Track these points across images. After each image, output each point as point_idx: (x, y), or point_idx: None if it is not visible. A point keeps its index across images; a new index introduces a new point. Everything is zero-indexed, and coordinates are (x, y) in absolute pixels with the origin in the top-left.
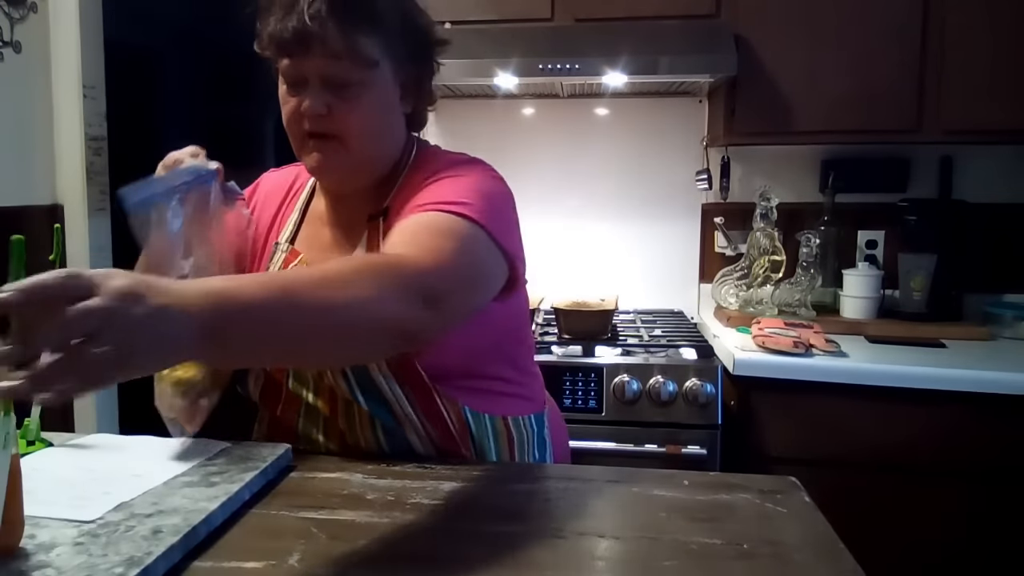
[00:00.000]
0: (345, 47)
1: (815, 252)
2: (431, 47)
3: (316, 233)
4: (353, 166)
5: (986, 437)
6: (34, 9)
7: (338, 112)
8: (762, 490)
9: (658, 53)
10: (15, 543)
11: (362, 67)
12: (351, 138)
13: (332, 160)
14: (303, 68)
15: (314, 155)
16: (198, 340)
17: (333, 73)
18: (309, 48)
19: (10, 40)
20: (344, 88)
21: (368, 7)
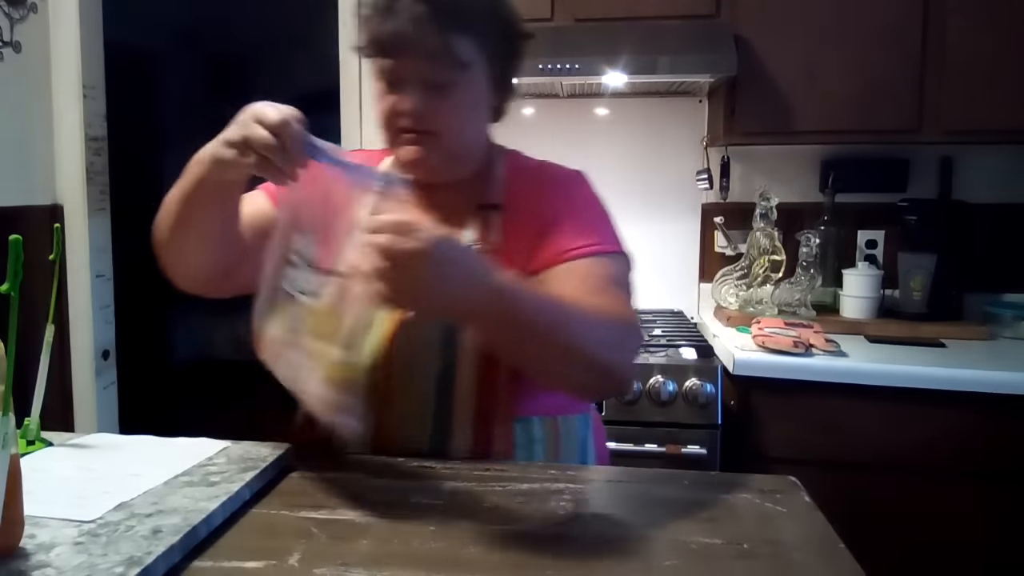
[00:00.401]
0: (441, 49)
1: (815, 252)
2: (518, 42)
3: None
4: (446, 160)
5: (986, 437)
6: (34, 9)
7: (433, 110)
8: (762, 490)
9: (658, 53)
10: (15, 543)
11: (457, 68)
12: (445, 134)
13: (426, 155)
14: (401, 69)
15: (409, 150)
16: (492, 295)
17: (429, 74)
18: (407, 50)
19: (10, 40)
20: (439, 87)
21: (464, 9)
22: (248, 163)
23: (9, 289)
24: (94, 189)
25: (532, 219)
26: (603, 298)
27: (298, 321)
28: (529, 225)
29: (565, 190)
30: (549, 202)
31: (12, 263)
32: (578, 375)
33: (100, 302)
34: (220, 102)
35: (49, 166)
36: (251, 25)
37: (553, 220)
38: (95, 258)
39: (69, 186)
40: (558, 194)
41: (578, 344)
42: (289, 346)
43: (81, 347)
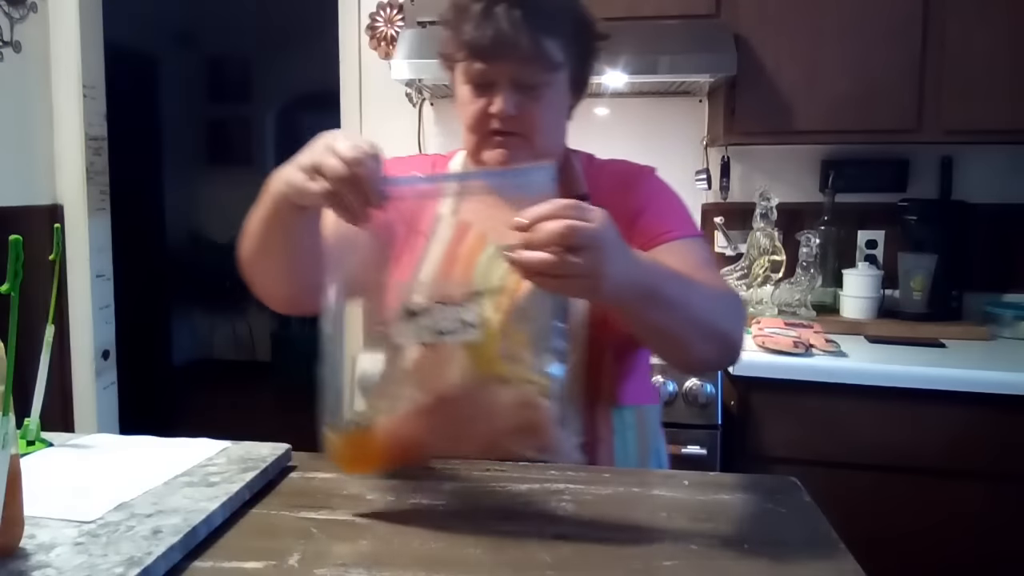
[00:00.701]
0: (535, 53)
1: (815, 252)
2: (596, 43)
3: (487, 209)
4: (534, 159)
5: (986, 437)
6: (34, 9)
7: (525, 112)
8: (762, 490)
9: (658, 53)
10: (15, 543)
11: (549, 70)
12: (535, 135)
13: (516, 155)
14: (494, 72)
15: (499, 151)
16: (640, 280)
17: (523, 76)
18: (503, 54)
19: (10, 40)
20: (531, 89)
21: (552, 12)
22: (317, 192)
23: (9, 289)
24: (94, 189)
25: (619, 211)
26: (705, 274)
27: (458, 365)
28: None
29: (648, 183)
30: (635, 194)
31: (12, 263)
32: (703, 345)
33: (100, 302)
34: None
35: (49, 166)
36: (251, 25)
37: (641, 210)
38: (95, 258)
39: (69, 186)
40: (642, 187)
41: (704, 315)
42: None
43: (81, 347)
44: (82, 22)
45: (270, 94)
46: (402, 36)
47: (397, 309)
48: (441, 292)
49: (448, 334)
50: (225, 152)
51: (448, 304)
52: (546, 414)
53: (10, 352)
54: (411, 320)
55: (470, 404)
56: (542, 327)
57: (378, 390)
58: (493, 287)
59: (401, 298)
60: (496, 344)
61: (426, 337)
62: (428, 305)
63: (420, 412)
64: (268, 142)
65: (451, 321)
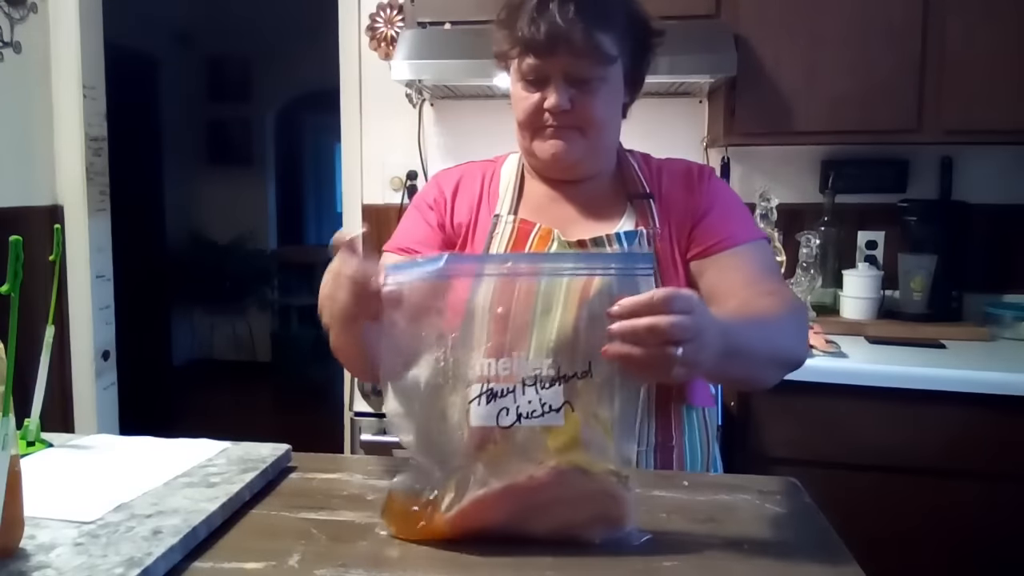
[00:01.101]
0: (589, 46)
1: (815, 252)
2: (651, 38)
3: (546, 208)
4: (589, 154)
5: (986, 437)
6: (34, 9)
7: (579, 106)
8: (762, 490)
9: (658, 53)
10: (15, 543)
11: (602, 64)
12: (589, 129)
13: (571, 149)
14: (548, 66)
15: (554, 144)
16: (722, 352)
17: (576, 70)
18: (556, 48)
19: (10, 40)
20: (584, 83)
21: (607, 7)
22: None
23: (9, 289)
24: (94, 189)
25: (682, 208)
26: (769, 283)
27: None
28: (680, 214)
29: (711, 183)
30: (698, 195)
31: (12, 263)
32: (773, 373)
33: (100, 302)
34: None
35: (49, 166)
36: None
37: (705, 212)
38: (95, 258)
39: (69, 186)
40: (705, 187)
41: (776, 350)
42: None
43: (81, 347)
44: (82, 22)
45: (270, 94)
46: (402, 36)
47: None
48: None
49: (529, 417)
50: (225, 152)
51: (532, 385)
52: (626, 504)
53: (10, 352)
54: (492, 401)
55: (546, 492)
56: (624, 412)
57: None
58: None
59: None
60: (578, 430)
61: (505, 420)
62: (512, 386)
63: (489, 498)
64: (268, 142)
65: (534, 404)
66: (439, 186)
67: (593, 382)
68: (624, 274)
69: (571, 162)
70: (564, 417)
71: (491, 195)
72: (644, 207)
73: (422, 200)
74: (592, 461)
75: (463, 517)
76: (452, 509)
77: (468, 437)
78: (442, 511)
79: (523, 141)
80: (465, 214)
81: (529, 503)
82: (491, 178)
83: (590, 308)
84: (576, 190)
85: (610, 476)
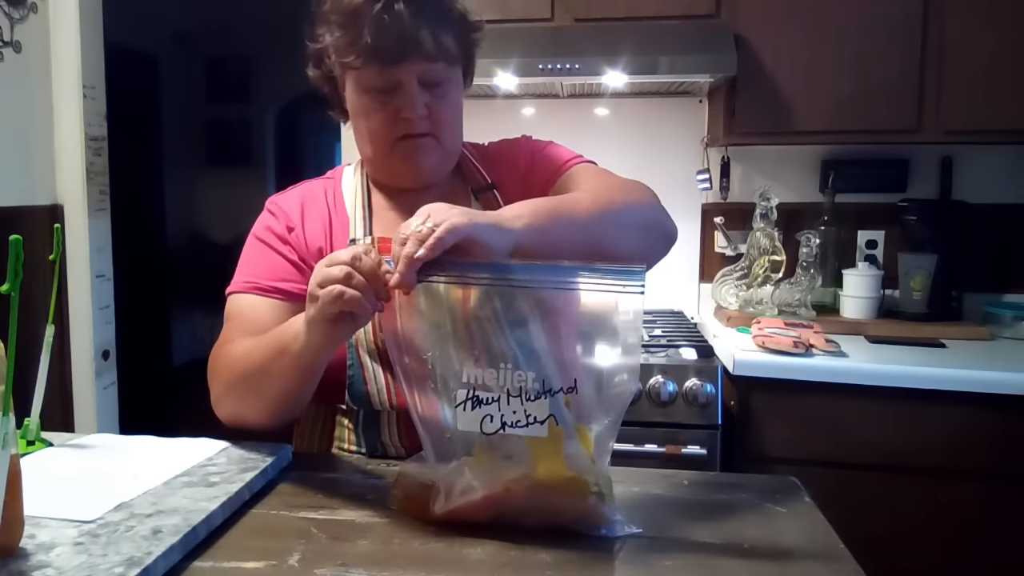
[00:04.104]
0: (438, 48)
1: (815, 252)
2: (477, 33)
3: (397, 222)
4: (444, 158)
5: (986, 437)
6: (34, 9)
7: (434, 111)
8: (762, 490)
9: (658, 53)
10: (15, 543)
11: (451, 65)
12: (443, 133)
13: (428, 156)
14: (398, 73)
15: (411, 155)
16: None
17: (430, 74)
18: (407, 53)
19: (10, 40)
20: (436, 87)
21: (444, 8)
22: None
23: (9, 289)
24: (94, 189)
25: (518, 184)
26: (611, 179)
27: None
28: (518, 190)
29: (524, 146)
30: (518, 159)
31: (12, 263)
32: (649, 234)
33: (100, 302)
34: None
35: (49, 166)
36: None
37: (528, 167)
38: (95, 258)
39: (69, 186)
40: (520, 150)
41: (612, 208)
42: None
43: (81, 347)
44: (82, 22)
45: (270, 94)
46: None
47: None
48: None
49: (513, 427)
50: (225, 152)
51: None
52: (604, 516)
53: (10, 352)
54: (477, 407)
55: (524, 504)
56: (605, 427)
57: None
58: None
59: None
60: (561, 443)
61: (488, 427)
62: (498, 394)
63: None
64: (268, 142)
65: (519, 414)
66: (285, 215)
67: (577, 397)
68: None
69: (429, 170)
70: (548, 429)
71: (338, 214)
72: (490, 198)
73: (269, 232)
74: (571, 476)
75: (451, 516)
76: (442, 509)
77: (455, 439)
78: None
79: (374, 155)
80: (320, 235)
81: (509, 511)
82: (334, 197)
83: (580, 324)
84: (424, 196)
85: (588, 490)
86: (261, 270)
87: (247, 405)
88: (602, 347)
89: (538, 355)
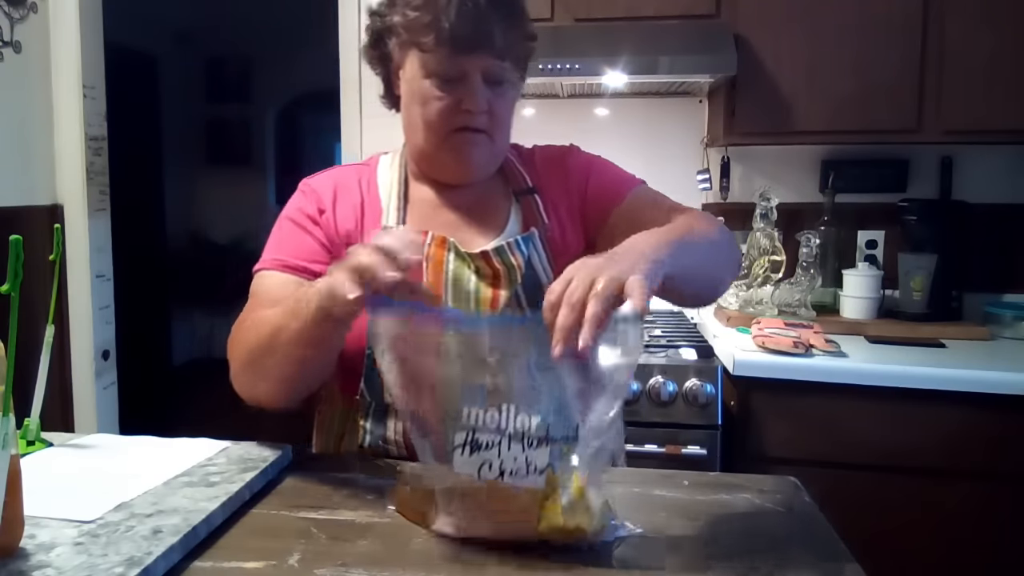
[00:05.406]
0: (508, 47)
1: (815, 252)
2: (534, 42)
3: (433, 216)
4: (493, 157)
5: (986, 437)
6: (34, 9)
7: (493, 108)
8: (762, 490)
9: (658, 53)
10: (15, 543)
11: (515, 66)
12: (497, 132)
13: (479, 153)
14: (467, 63)
15: (463, 149)
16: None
17: (495, 71)
18: (480, 44)
19: (10, 40)
20: (498, 85)
21: (518, 10)
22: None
23: (9, 289)
24: (94, 189)
25: (562, 193)
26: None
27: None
28: (563, 201)
29: (577, 158)
30: (571, 173)
31: (12, 263)
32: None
33: (100, 302)
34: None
35: (49, 166)
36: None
37: (584, 184)
38: (95, 258)
39: (69, 186)
40: (573, 163)
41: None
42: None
43: (81, 347)
44: (82, 22)
45: (270, 94)
46: None
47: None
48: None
49: (512, 476)
50: (225, 152)
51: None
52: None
53: (10, 352)
54: (476, 452)
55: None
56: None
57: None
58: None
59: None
60: (559, 494)
61: (487, 474)
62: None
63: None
64: (268, 142)
65: (519, 461)
66: (317, 196)
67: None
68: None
69: (477, 166)
70: (545, 479)
71: (371, 202)
72: (530, 203)
73: (301, 213)
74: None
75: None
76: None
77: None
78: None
79: (425, 144)
80: (351, 220)
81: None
82: (368, 184)
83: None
84: (464, 193)
85: (586, 535)
86: (291, 249)
87: (259, 377)
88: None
89: (541, 398)
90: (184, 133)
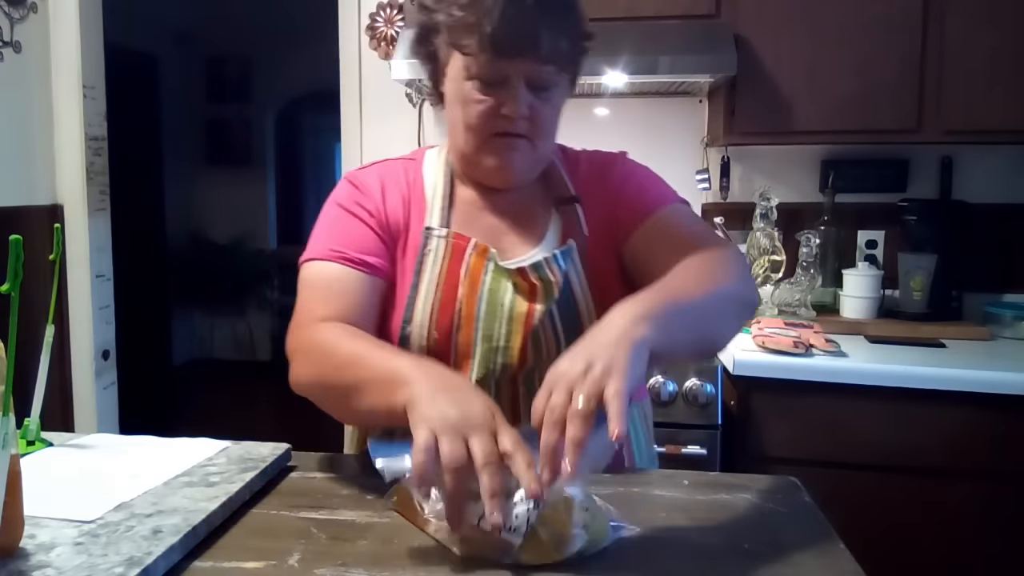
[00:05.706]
0: (553, 51)
1: (815, 252)
2: (588, 43)
3: (476, 219)
4: (535, 164)
5: (986, 437)
6: (34, 9)
7: (535, 114)
8: (762, 490)
9: (658, 53)
10: (15, 543)
11: (561, 70)
12: (539, 138)
13: (519, 158)
14: (508, 68)
15: (503, 154)
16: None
17: (538, 76)
18: (523, 50)
19: (10, 40)
20: (543, 91)
21: (567, 11)
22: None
23: (9, 289)
24: (94, 189)
25: (602, 204)
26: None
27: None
28: (602, 211)
29: (620, 167)
30: (609, 181)
31: (12, 263)
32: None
33: (100, 302)
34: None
35: (49, 166)
36: (251, 25)
37: (617, 194)
38: (95, 258)
39: (69, 186)
40: (615, 171)
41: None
42: None
43: (81, 347)
44: (82, 22)
45: (270, 94)
46: (402, 36)
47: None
48: None
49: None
50: (225, 152)
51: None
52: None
53: (10, 352)
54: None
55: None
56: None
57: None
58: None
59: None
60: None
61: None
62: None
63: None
64: (268, 142)
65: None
66: (367, 187)
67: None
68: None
69: (517, 172)
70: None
71: (416, 197)
72: (570, 212)
73: (357, 204)
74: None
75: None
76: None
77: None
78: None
79: (465, 146)
80: (400, 211)
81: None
82: (414, 179)
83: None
84: (505, 198)
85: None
86: (347, 240)
87: (316, 399)
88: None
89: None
90: (184, 133)
